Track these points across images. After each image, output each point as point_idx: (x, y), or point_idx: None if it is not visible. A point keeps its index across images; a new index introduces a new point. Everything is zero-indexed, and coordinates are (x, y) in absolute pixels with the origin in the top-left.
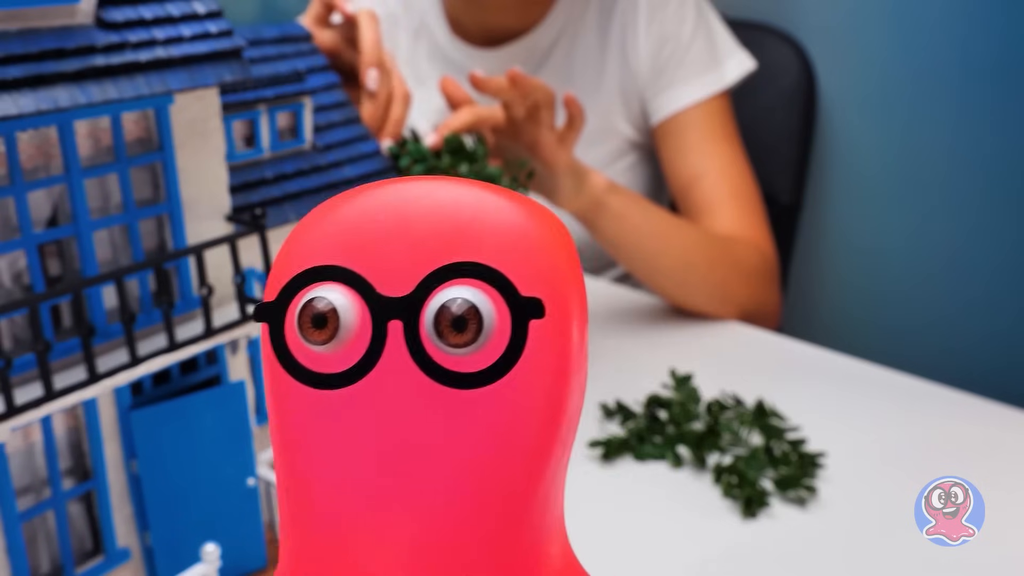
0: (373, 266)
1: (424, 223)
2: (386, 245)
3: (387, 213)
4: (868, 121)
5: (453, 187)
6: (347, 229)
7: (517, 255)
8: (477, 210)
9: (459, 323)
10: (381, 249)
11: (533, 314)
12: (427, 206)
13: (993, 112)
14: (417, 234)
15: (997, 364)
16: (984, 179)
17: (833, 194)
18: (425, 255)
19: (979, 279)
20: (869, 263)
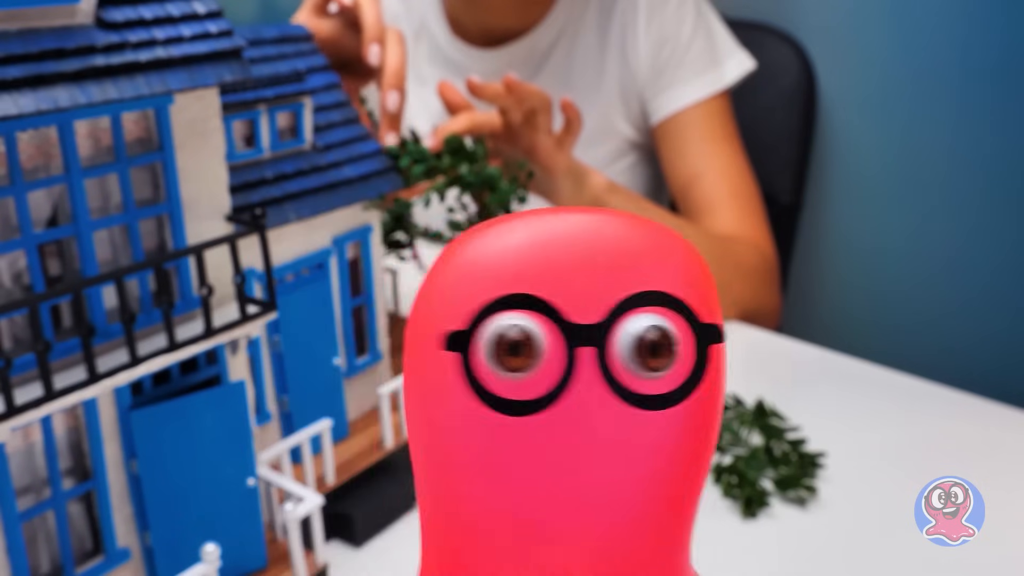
0: (560, 294)
1: (601, 251)
2: (570, 273)
3: (566, 242)
4: (868, 121)
5: (618, 217)
6: (529, 256)
7: (692, 283)
8: (649, 239)
9: (656, 348)
10: (565, 277)
11: (714, 339)
12: (604, 235)
13: (993, 112)
14: (596, 262)
15: (997, 364)
16: (984, 179)
17: (833, 194)
18: (609, 283)
19: (979, 279)
20: (869, 263)
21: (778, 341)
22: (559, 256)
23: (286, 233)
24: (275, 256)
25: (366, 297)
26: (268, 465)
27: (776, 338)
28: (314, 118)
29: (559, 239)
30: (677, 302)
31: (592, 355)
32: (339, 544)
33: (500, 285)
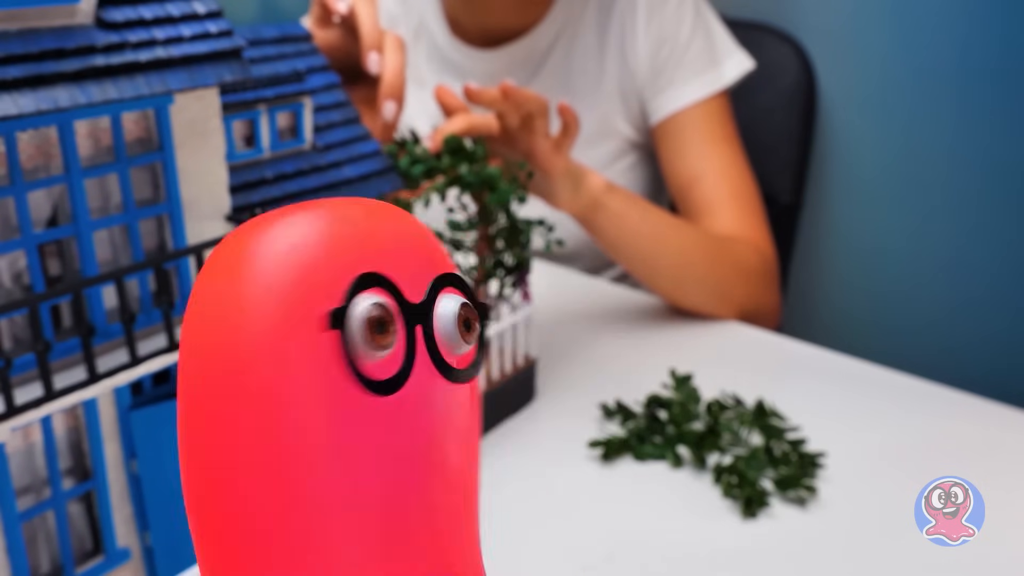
0: (396, 274)
1: (412, 237)
2: (396, 255)
3: (380, 227)
4: (868, 121)
5: (383, 206)
6: (369, 237)
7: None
8: (419, 225)
9: (468, 323)
10: (397, 258)
11: (488, 316)
12: (395, 222)
13: (993, 112)
14: (413, 247)
15: (997, 364)
16: (984, 179)
17: (833, 194)
18: (424, 266)
19: (979, 279)
20: (869, 263)
21: (778, 341)
22: (385, 239)
23: None
24: None
25: None
26: None
27: (776, 338)
28: (314, 118)
29: (375, 225)
30: (465, 283)
31: (421, 333)
32: None
33: (357, 264)
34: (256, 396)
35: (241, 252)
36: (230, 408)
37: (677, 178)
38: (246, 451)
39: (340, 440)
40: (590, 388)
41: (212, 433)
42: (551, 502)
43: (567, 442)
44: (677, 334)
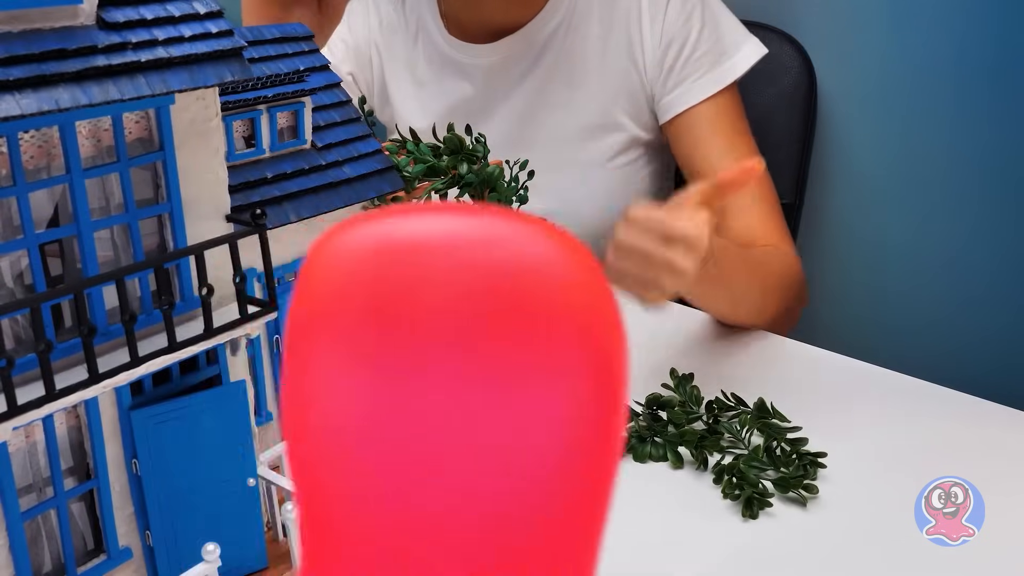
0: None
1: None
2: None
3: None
4: (868, 120)
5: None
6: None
7: None
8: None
9: None
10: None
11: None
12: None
13: (991, 110)
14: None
15: (997, 364)
16: (983, 177)
17: (833, 193)
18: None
19: (979, 278)
20: (869, 262)
21: (778, 341)
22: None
23: (286, 233)
24: (275, 256)
25: None
26: (268, 465)
27: (776, 338)
28: (314, 118)
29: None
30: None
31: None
32: None
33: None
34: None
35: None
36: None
37: (698, 173)
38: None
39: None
40: None
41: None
42: None
43: None
44: (677, 334)
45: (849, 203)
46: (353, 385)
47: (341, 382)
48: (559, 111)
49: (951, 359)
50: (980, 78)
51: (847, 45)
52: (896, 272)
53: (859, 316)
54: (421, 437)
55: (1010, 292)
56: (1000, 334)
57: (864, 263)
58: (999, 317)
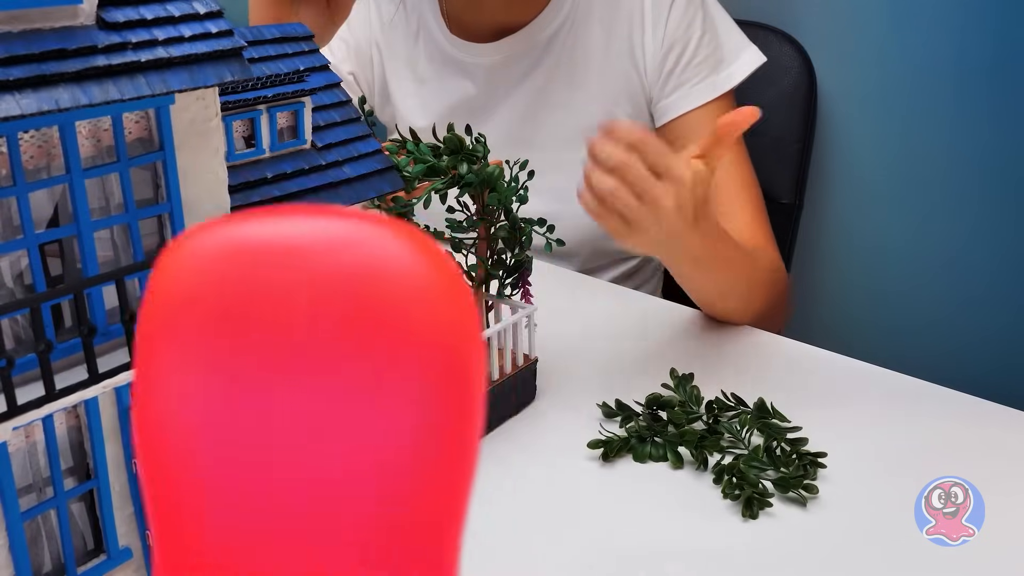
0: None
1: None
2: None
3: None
4: (868, 121)
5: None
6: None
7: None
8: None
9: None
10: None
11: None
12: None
13: (991, 110)
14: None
15: (997, 365)
16: (983, 177)
17: (833, 193)
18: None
19: (979, 278)
20: (869, 262)
21: (778, 341)
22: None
23: None
24: None
25: None
26: None
27: (776, 338)
28: (314, 118)
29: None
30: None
31: None
32: None
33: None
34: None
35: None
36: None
37: None
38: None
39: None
40: (590, 388)
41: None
42: (551, 502)
43: (567, 442)
44: (677, 334)
45: (849, 203)
46: (196, 391)
47: (185, 386)
48: (560, 111)
49: (951, 359)
50: (980, 78)
51: (847, 45)
52: (896, 272)
53: (859, 316)
54: (266, 445)
55: (1010, 291)
56: (1000, 334)
57: (864, 263)
58: (999, 317)
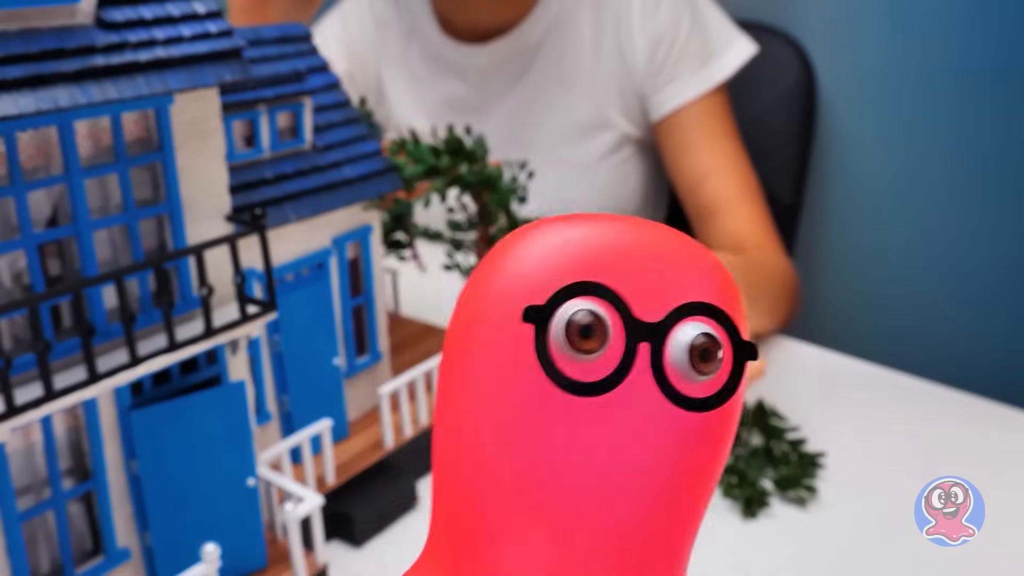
0: (630, 290)
1: (669, 260)
2: (640, 273)
3: (634, 244)
4: (868, 121)
5: (676, 232)
6: (604, 250)
7: (735, 303)
8: (703, 255)
9: (706, 354)
10: (636, 276)
11: (750, 356)
12: (667, 243)
13: (993, 111)
14: (664, 269)
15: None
16: (984, 178)
17: (834, 194)
18: (672, 289)
19: (980, 279)
20: (870, 263)
21: (778, 341)
22: (629, 255)
23: (286, 233)
24: (275, 256)
25: (366, 297)
26: (268, 465)
27: (777, 338)
28: (314, 118)
29: (631, 240)
30: (725, 317)
31: (648, 351)
32: (339, 544)
33: (578, 272)
34: (468, 374)
35: (502, 247)
36: (456, 381)
37: (684, 176)
38: (448, 423)
39: (527, 424)
40: None
41: (444, 402)
42: None
43: None
44: None
45: (849, 203)
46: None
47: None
48: (553, 111)
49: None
50: (982, 79)
51: (847, 45)
52: (896, 272)
53: (859, 316)
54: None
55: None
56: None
57: (864, 263)
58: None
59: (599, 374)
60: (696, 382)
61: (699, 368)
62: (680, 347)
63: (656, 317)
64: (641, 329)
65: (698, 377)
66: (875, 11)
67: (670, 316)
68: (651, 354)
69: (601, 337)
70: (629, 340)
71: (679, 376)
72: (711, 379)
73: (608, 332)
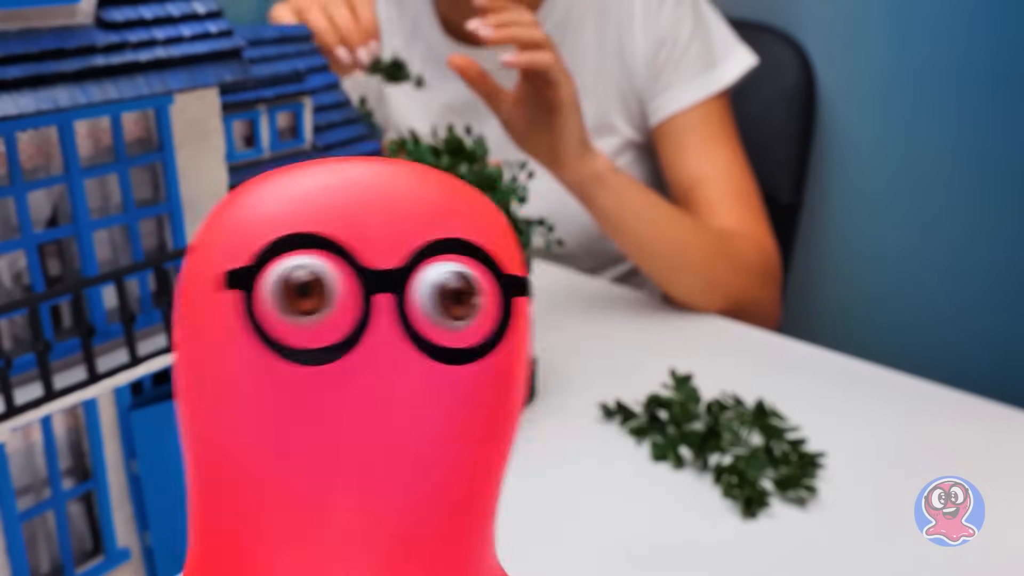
0: (355, 237)
1: (403, 198)
2: (367, 217)
3: (364, 186)
4: (868, 121)
5: (418, 168)
6: (323, 198)
7: (495, 235)
8: (450, 190)
9: (458, 296)
10: (362, 220)
11: (519, 291)
12: (403, 182)
13: (993, 111)
14: (397, 208)
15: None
16: (984, 178)
17: (833, 194)
18: (408, 229)
19: (979, 278)
20: (869, 262)
21: (778, 341)
22: (356, 199)
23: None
24: None
25: None
26: None
27: (776, 338)
28: (314, 118)
29: (357, 183)
30: (480, 251)
31: (390, 302)
32: None
33: (289, 224)
34: (184, 348)
35: (225, 198)
36: (180, 355)
37: (679, 180)
38: (187, 407)
39: (252, 408)
40: (590, 388)
41: (175, 386)
42: (550, 503)
43: (567, 442)
44: (677, 334)
45: (849, 203)
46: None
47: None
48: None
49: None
50: (982, 80)
51: (847, 46)
52: (896, 272)
53: (859, 316)
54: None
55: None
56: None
57: (864, 263)
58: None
59: (331, 337)
60: (454, 329)
61: (452, 312)
62: (424, 292)
63: (395, 263)
64: (375, 278)
65: (454, 324)
66: (875, 11)
67: (412, 260)
68: (396, 305)
69: (320, 295)
70: (364, 293)
71: (429, 325)
72: (473, 323)
73: (331, 288)
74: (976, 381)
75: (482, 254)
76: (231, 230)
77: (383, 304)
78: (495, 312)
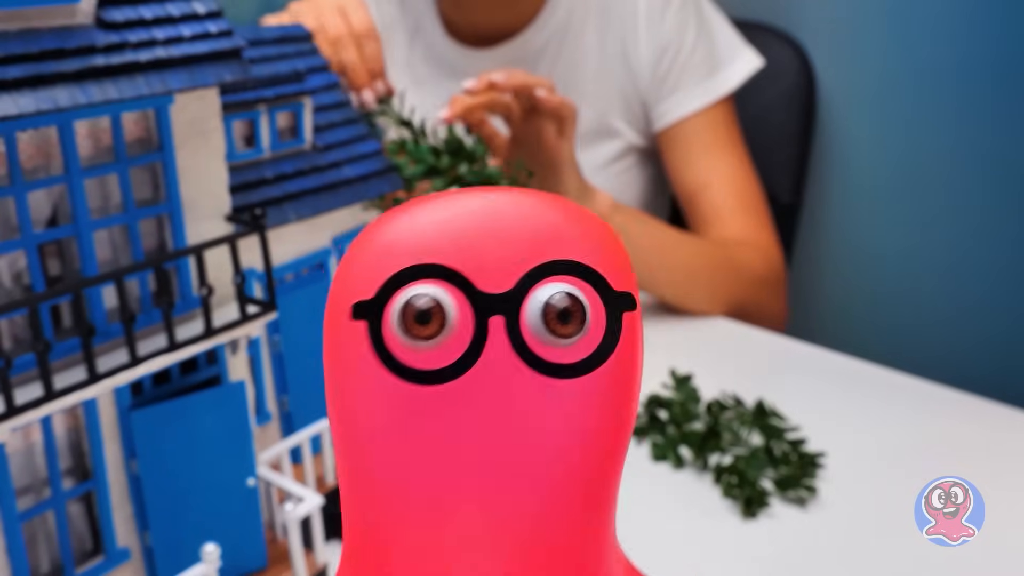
0: (471, 265)
1: (514, 225)
2: (481, 245)
3: (479, 216)
4: (868, 121)
5: (530, 194)
6: (441, 229)
7: (603, 253)
8: (560, 213)
9: (564, 315)
10: (476, 249)
11: (626, 307)
12: (516, 210)
13: (993, 111)
14: (509, 235)
15: (997, 364)
16: (984, 178)
17: (833, 194)
18: (519, 254)
19: (979, 279)
20: (869, 262)
21: (778, 341)
22: (471, 229)
23: (286, 233)
24: (275, 256)
25: None
26: (268, 465)
27: (776, 338)
28: (314, 118)
29: (472, 213)
30: (587, 270)
31: (504, 323)
32: (339, 544)
33: (409, 257)
34: (329, 370)
35: (358, 236)
36: (327, 377)
37: (684, 187)
38: (333, 423)
39: (383, 424)
40: None
41: (327, 391)
42: None
43: None
44: (677, 334)
45: (849, 203)
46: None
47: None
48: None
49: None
50: (982, 80)
51: (847, 46)
52: (896, 272)
53: (859, 316)
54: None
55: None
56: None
57: (864, 263)
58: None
59: (451, 358)
60: (563, 346)
61: (558, 330)
62: (533, 312)
63: (506, 287)
64: (489, 302)
65: (560, 340)
66: (875, 11)
67: (522, 283)
68: (507, 326)
69: (439, 320)
70: (479, 316)
71: (539, 342)
72: (581, 339)
73: (450, 313)
74: (976, 381)
75: (590, 273)
76: (360, 264)
77: (497, 325)
78: (602, 328)
